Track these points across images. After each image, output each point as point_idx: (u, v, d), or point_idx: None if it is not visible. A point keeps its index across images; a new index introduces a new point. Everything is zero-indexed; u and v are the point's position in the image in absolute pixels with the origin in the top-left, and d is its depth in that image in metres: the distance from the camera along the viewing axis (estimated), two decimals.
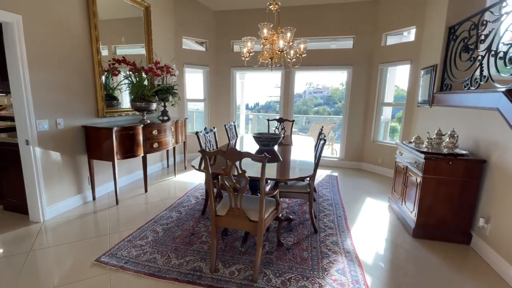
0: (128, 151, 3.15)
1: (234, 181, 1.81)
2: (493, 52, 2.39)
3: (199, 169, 2.28)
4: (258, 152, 3.04)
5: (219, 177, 2.06)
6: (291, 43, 3.05)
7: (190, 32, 5.03)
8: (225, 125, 3.64)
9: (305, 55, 3.07)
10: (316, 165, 2.45)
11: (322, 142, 2.41)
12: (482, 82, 2.55)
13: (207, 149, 2.95)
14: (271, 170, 2.29)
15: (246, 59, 3.31)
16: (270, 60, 3.17)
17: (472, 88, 2.68)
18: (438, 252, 2.35)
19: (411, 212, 2.67)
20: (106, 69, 3.25)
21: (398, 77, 4.84)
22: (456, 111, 2.93)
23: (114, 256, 2.13)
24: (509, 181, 2.07)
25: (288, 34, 2.98)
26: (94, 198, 3.21)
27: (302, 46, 3.05)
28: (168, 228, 2.61)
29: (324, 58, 4.93)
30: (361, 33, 4.68)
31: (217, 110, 5.64)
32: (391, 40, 4.59)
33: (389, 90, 4.76)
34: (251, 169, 2.17)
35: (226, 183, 1.85)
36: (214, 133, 3.25)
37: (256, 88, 8.49)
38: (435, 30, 3.54)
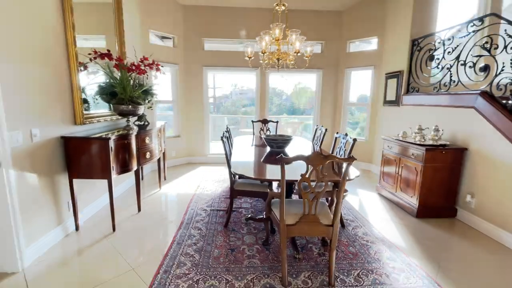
0: (124, 165, 2.60)
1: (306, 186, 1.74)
2: (462, 62, 3.02)
3: (258, 179, 2.08)
4: (269, 154, 2.97)
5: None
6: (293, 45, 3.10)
7: (157, 25, 4.47)
8: (226, 127, 3.41)
9: (311, 57, 3.18)
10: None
11: (352, 141, 2.55)
12: (452, 86, 3.19)
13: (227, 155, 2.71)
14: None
15: (251, 59, 3.19)
16: (277, 61, 3.14)
17: (442, 90, 3.30)
18: (441, 226, 2.81)
19: (411, 196, 3.10)
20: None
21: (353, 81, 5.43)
22: (428, 109, 3.55)
23: None
24: (488, 163, 2.66)
25: (294, 36, 3.02)
26: (77, 228, 2.51)
27: (308, 49, 3.14)
28: (200, 249, 2.28)
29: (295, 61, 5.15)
30: (329, 39, 5.11)
31: (188, 112, 5.19)
32: (357, 47, 5.15)
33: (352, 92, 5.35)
34: (293, 172, 2.05)
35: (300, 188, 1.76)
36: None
37: None
38: (398, 42, 4.18)
